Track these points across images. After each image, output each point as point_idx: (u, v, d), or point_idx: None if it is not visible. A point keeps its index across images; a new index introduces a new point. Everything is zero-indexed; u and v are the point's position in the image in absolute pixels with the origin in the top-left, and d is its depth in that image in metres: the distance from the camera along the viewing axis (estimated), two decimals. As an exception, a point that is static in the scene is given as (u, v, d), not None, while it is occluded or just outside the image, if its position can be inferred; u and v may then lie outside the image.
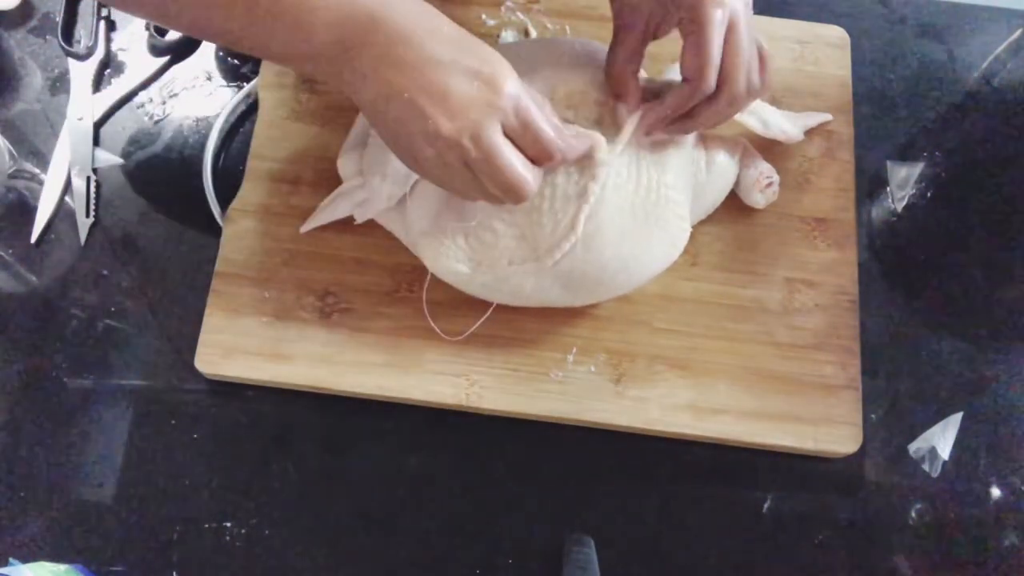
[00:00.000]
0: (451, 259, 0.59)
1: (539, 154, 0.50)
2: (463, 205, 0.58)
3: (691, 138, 0.61)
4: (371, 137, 0.62)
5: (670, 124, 0.56)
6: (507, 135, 0.49)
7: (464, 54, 0.47)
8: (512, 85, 0.48)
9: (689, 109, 0.54)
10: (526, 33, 0.72)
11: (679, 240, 0.60)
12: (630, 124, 0.56)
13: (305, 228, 0.64)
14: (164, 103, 0.72)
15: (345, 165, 0.64)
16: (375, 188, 0.60)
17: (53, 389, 0.63)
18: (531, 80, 0.57)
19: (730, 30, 0.51)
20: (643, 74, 0.61)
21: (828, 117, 0.69)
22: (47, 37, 0.73)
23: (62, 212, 0.68)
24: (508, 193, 0.50)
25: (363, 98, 0.48)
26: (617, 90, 0.57)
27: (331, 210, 0.64)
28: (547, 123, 0.49)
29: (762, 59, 0.55)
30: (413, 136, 0.48)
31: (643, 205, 0.57)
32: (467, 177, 0.50)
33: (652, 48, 0.60)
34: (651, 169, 0.57)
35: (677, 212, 0.58)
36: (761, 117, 0.65)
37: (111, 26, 0.73)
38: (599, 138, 0.54)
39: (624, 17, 0.56)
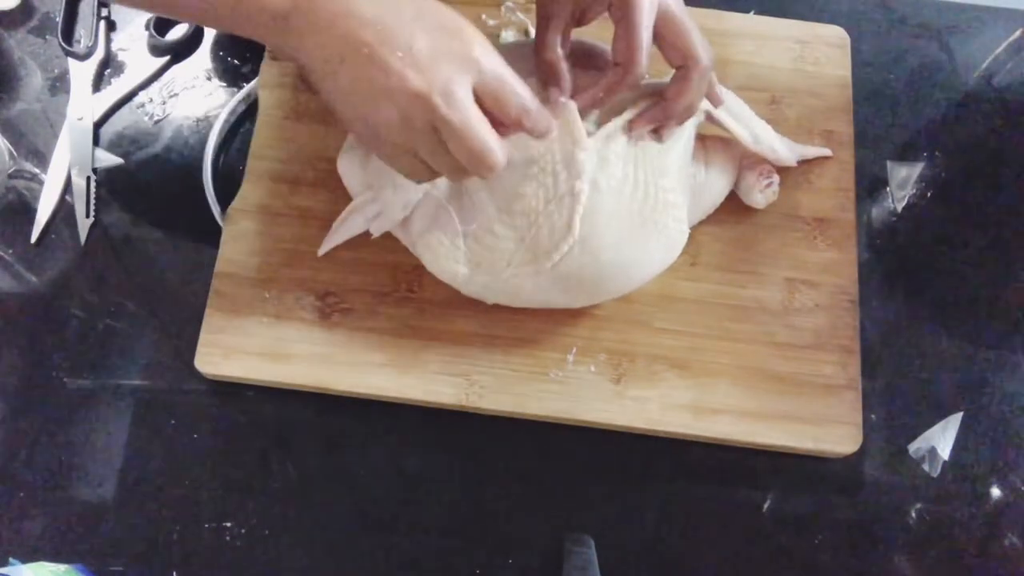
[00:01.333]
0: (450, 260, 0.59)
1: (510, 120, 0.47)
2: (463, 206, 0.58)
3: (690, 139, 0.61)
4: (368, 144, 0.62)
5: (661, 122, 0.56)
6: (477, 96, 0.46)
7: (427, 7, 0.45)
8: (482, 43, 0.46)
9: (663, 97, 0.55)
10: (526, 33, 0.72)
11: (677, 243, 0.60)
12: (616, 121, 0.56)
13: (323, 250, 0.64)
14: (164, 103, 0.72)
15: (345, 165, 0.64)
16: (388, 200, 0.60)
17: (53, 389, 0.63)
18: (530, 80, 0.57)
19: (663, 12, 0.51)
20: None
21: (828, 152, 0.69)
22: (47, 37, 0.73)
23: (62, 212, 0.68)
24: (474, 160, 0.47)
25: (314, 58, 0.46)
26: (547, 76, 0.56)
27: (346, 227, 0.63)
28: (521, 89, 0.47)
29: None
30: (373, 96, 0.45)
31: (641, 209, 0.57)
32: (430, 144, 0.47)
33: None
34: (649, 172, 0.57)
35: (675, 215, 0.58)
36: (753, 131, 0.64)
37: (111, 26, 0.73)
38: (571, 104, 0.54)
39: (548, 5, 0.55)
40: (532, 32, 0.72)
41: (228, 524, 0.60)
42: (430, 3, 0.46)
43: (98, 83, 0.71)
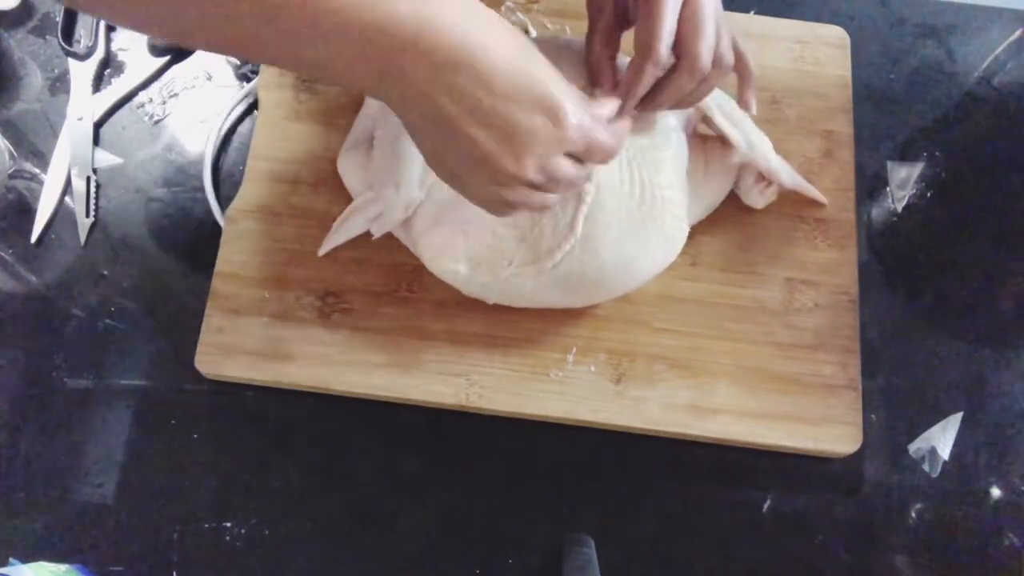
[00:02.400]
0: (451, 260, 0.59)
1: (599, 160, 0.49)
2: (464, 206, 0.58)
3: (681, 137, 0.61)
4: (375, 148, 0.61)
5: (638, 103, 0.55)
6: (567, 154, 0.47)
7: (523, 80, 0.43)
8: (575, 115, 0.45)
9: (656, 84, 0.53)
10: (526, 33, 0.72)
11: (677, 241, 0.60)
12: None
13: (323, 250, 0.64)
14: (164, 103, 0.72)
15: (345, 165, 0.64)
16: (390, 200, 0.60)
17: (53, 389, 0.63)
18: None
19: (687, 3, 0.50)
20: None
21: (824, 201, 0.67)
22: (47, 37, 0.73)
23: (62, 212, 0.68)
24: (563, 191, 0.49)
25: (409, 118, 0.45)
26: (593, 76, 0.56)
27: (347, 228, 0.63)
28: (605, 132, 0.47)
29: (738, 54, 0.54)
30: (467, 164, 0.45)
31: (639, 207, 0.57)
32: (518, 197, 0.48)
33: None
34: (644, 170, 0.57)
35: (674, 212, 0.58)
36: (748, 138, 0.63)
37: (111, 26, 0.73)
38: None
39: (593, 3, 0.55)
40: (532, 32, 0.72)
41: (228, 524, 0.60)
42: (525, 64, 0.43)
43: (98, 83, 0.71)
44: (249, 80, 0.71)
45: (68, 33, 0.72)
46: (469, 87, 0.42)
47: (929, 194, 0.71)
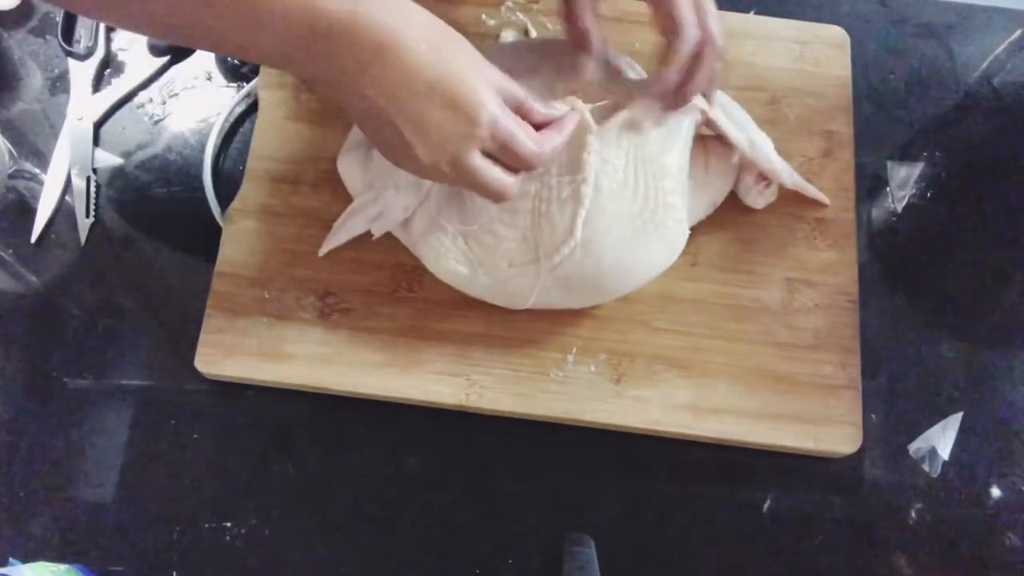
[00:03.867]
0: (451, 260, 0.59)
1: (520, 167, 0.51)
2: (464, 207, 0.58)
3: (688, 140, 0.61)
4: (375, 149, 0.61)
5: (672, 100, 0.56)
6: (487, 155, 0.49)
7: (442, 75, 0.46)
8: (488, 113, 0.47)
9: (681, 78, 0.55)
10: (526, 33, 0.72)
11: (677, 244, 0.60)
12: (622, 113, 0.56)
13: (323, 250, 0.64)
14: (164, 103, 0.72)
15: (345, 165, 0.64)
16: (389, 201, 0.60)
17: (53, 389, 0.63)
18: (531, 80, 0.57)
19: None
20: (642, 72, 0.61)
21: (826, 201, 0.67)
22: (47, 37, 0.73)
23: (62, 212, 0.68)
24: (489, 199, 0.52)
25: (350, 107, 0.48)
26: (580, 45, 0.57)
27: (347, 228, 0.63)
28: (527, 138, 0.49)
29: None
30: (397, 153, 0.49)
31: (641, 212, 0.57)
32: (452, 184, 0.51)
33: (648, 48, 0.60)
34: (649, 175, 0.57)
35: (675, 216, 0.58)
36: (750, 138, 0.63)
37: (111, 26, 0.73)
38: (581, 105, 0.54)
39: None
40: (532, 32, 0.72)
41: (228, 524, 0.60)
42: (446, 60, 0.46)
43: (98, 83, 0.71)
44: (249, 80, 0.71)
45: (68, 33, 0.72)
46: (389, 81, 0.45)
47: (929, 194, 0.71)
